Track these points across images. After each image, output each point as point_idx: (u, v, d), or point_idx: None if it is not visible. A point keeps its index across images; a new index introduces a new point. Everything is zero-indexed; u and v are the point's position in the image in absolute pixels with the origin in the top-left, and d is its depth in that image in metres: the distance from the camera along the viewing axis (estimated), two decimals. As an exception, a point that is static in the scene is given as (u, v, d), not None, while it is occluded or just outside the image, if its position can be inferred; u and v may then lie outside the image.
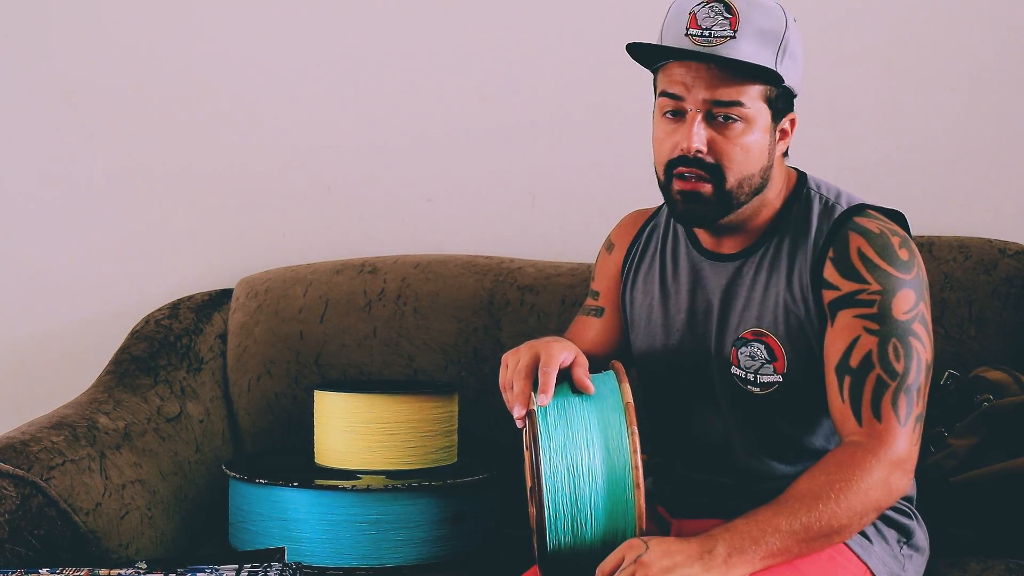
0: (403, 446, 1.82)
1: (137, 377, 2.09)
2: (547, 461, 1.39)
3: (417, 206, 2.37)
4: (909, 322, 1.46)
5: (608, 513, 1.39)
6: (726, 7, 1.46)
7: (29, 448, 1.74)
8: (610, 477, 1.39)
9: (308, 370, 2.15)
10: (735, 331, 1.56)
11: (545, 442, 1.40)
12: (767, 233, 1.56)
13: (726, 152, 1.48)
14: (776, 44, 1.47)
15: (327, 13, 2.36)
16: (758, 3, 1.48)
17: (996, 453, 1.77)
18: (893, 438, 1.42)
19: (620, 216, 1.78)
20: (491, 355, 2.12)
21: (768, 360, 1.53)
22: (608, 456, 1.40)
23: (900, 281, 1.47)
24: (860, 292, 1.47)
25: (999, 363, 1.94)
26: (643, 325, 1.66)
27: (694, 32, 1.46)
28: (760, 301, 1.54)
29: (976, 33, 2.24)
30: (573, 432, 1.41)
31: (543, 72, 2.32)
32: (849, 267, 1.48)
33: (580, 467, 1.39)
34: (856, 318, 1.46)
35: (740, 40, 1.45)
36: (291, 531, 1.74)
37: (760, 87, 1.48)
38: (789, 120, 1.54)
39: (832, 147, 2.22)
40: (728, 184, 1.49)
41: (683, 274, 1.62)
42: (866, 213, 1.53)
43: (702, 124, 1.47)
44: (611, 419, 1.42)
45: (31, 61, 2.39)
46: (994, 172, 2.24)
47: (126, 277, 2.40)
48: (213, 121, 2.38)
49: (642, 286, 1.68)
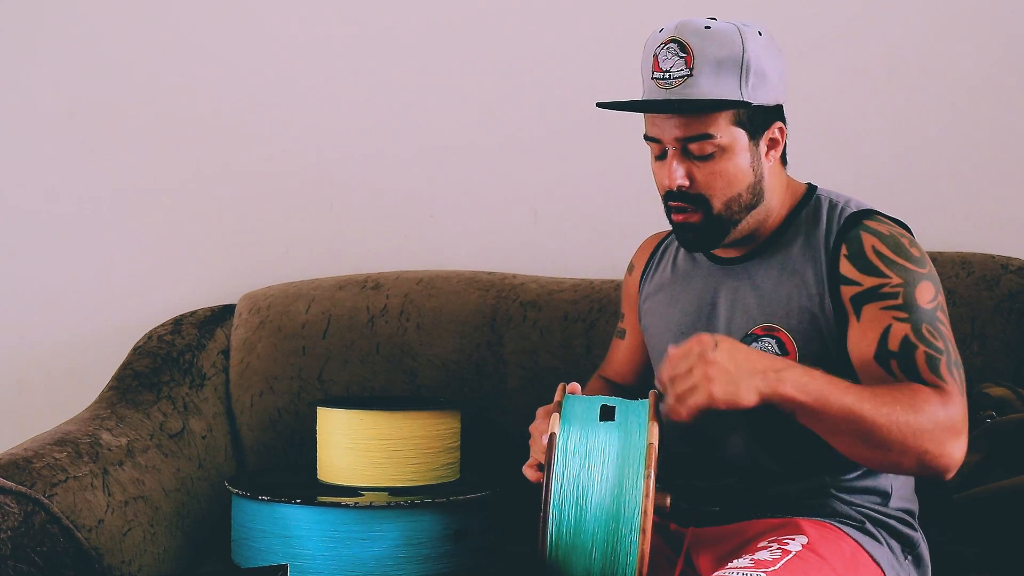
0: (406, 463, 1.82)
1: (140, 393, 2.09)
2: (557, 487, 1.38)
3: (420, 222, 2.37)
4: (934, 310, 1.49)
5: (607, 551, 1.38)
6: (680, 46, 1.50)
7: (32, 465, 1.74)
8: (617, 516, 1.38)
9: (311, 386, 2.15)
10: (746, 327, 1.57)
11: (560, 468, 1.39)
12: (774, 236, 1.60)
13: (706, 183, 1.54)
14: (737, 69, 1.50)
15: (330, 30, 2.36)
16: (713, 33, 1.50)
17: (999, 470, 1.77)
18: (960, 399, 1.44)
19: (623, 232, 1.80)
20: (494, 371, 2.12)
21: (779, 355, 1.54)
22: (620, 494, 1.38)
23: (918, 274, 1.50)
24: (883, 286, 1.49)
25: (1002, 379, 1.93)
26: (655, 333, 1.69)
27: (657, 76, 1.52)
28: (770, 297, 1.57)
29: (977, 47, 2.24)
30: (590, 464, 1.39)
31: (546, 88, 2.33)
32: (866, 263, 1.51)
33: (589, 501, 1.38)
34: (883, 310, 1.49)
35: (698, 76, 1.49)
36: (294, 548, 1.73)
37: (727, 114, 1.51)
38: (776, 129, 1.57)
39: (833, 161, 2.22)
40: (715, 210, 1.55)
41: (692, 280, 1.66)
42: (875, 217, 1.56)
43: (680, 161, 1.54)
44: (631, 458, 1.39)
45: (35, 78, 2.40)
46: (997, 187, 2.24)
47: (129, 293, 2.40)
48: (216, 137, 2.38)
49: (653, 296, 1.72)
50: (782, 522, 1.54)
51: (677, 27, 1.51)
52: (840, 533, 1.53)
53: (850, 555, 1.49)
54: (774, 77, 1.54)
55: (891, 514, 1.58)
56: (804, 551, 1.45)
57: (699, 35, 1.49)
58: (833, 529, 1.53)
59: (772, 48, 1.54)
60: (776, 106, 1.56)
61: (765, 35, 1.53)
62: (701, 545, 1.60)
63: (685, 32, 1.50)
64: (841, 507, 1.57)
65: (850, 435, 1.40)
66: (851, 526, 1.55)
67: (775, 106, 1.56)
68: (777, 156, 1.59)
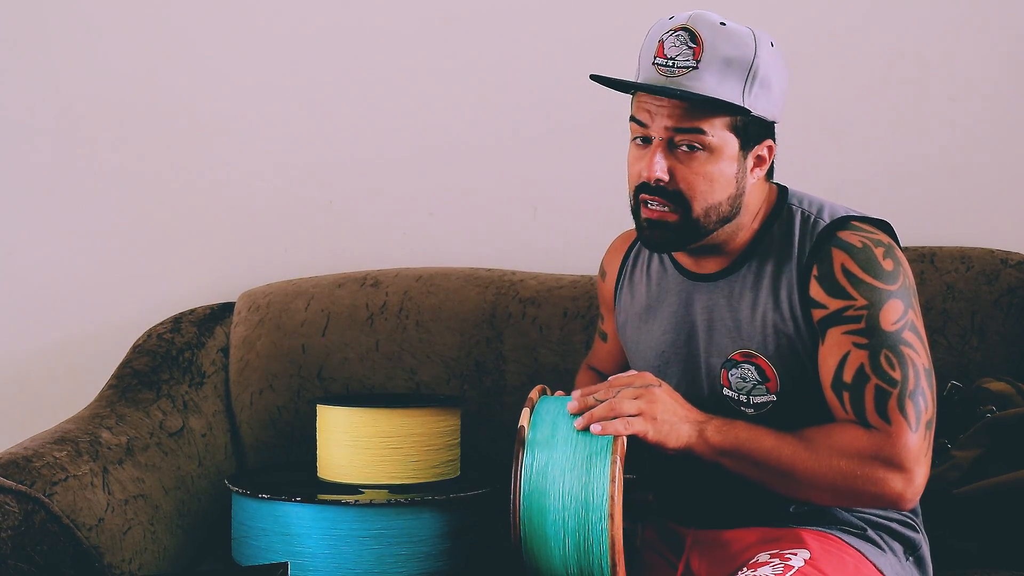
0: (406, 460, 1.81)
1: (139, 391, 2.09)
2: (526, 477, 1.41)
3: (419, 219, 2.37)
4: (899, 332, 1.45)
5: (578, 541, 1.39)
6: (691, 36, 1.45)
7: (32, 464, 1.74)
8: (586, 504, 1.39)
9: (310, 384, 2.15)
10: (724, 352, 1.55)
11: (528, 458, 1.42)
12: (748, 252, 1.55)
13: (688, 181, 1.48)
14: (744, 73, 1.46)
15: (329, 28, 2.36)
16: (727, 31, 1.46)
17: (999, 465, 1.77)
18: (903, 440, 1.41)
19: (622, 229, 1.78)
20: (493, 368, 2.12)
21: (760, 381, 1.53)
22: (587, 482, 1.39)
23: (886, 293, 1.46)
24: (847, 309, 1.46)
25: (1002, 374, 1.94)
26: (634, 348, 1.68)
27: (659, 61, 1.47)
28: (747, 321, 1.53)
29: (976, 44, 2.24)
30: (558, 454, 1.42)
31: (544, 85, 2.32)
32: (834, 284, 1.47)
33: (558, 489, 1.40)
34: (845, 335, 1.46)
35: (703, 71, 1.44)
36: (294, 546, 1.73)
37: (723, 117, 1.47)
38: (765, 147, 1.52)
39: (832, 158, 2.23)
40: (695, 213, 1.49)
41: (667, 296, 1.62)
42: (850, 226, 1.51)
43: (664, 152, 1.48)
44: (598, 446, 1.41)
45: (33, 76, 2.39)
46: (996, 182, 2.24)
47: (128, 291, 2.40)
48: (215, 135, 2.38)
49: (629, 310, 1.69)
50: (782, 532, 1.53)
51: (691, 17, 1.47)
52: (842, 544, 1.51)
53: (853, 568, 1.47)
54: (777, 91, 1.50)
55: (893, 517, 1.57)
56: (807, 567, 1.43)
57: (713, 29, 1.45)
58: (835, 540, 1.51)
59: (780, 62, 1.50)
60: (771, 123, 1.52)
61: (776, 49, 1.49)
62: (700, 549, 1.59)
63: (699, 23, 1.46)
64: (842, 514, 1.55)
65: (779, 479, 1.44)
66: (853, 534, 1.53)
67: (770, 123, 1.52)
68: (762, 175, 1.54)
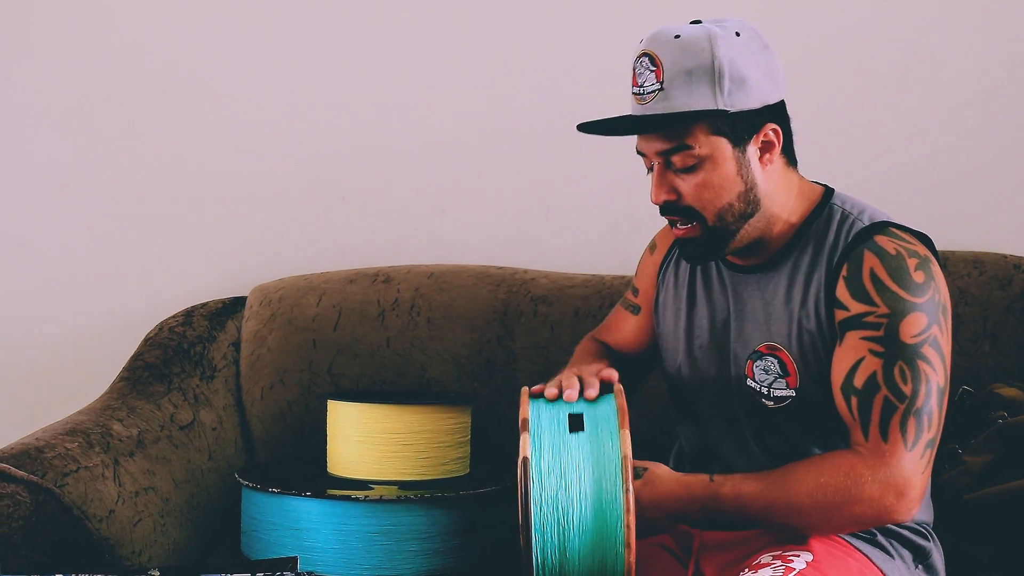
0: (416, 457, 1.82)
1: (151, 384, 2.09)
2: (537, 511, 1.38)
3: (431, 216, 2.37)
4: (918, 345, 1.43)
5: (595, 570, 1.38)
6: (651, 60, 1.48)
7: (43, 454, 1.75)
8: (601, 533, 1.37)
9: (321, 379, 2.15)
10: (752, 344, 1.56)
11: (537, 490, 1.38)
12: (787, 247, 1.56)
13: (693, 194, 1.51)
14: (709, 77, 1.45)
15: (342, 22, 2.36)
16: (682, 43, 1.46)
17: (1011, 471, 1.76)
18: (897, 460, 1.41)
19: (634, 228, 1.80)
20: (504, 366, 2.12)
21: (781, 375, 1.53)
22: (601, 510, 1.38)
23: (911, 304, 1.44)
24: (868, 314, 1.45)
25: (1013, 379, 1.93)
26: (670, 331, 1.68)
27: (635, 91, 1.51)
28: (777, 315, 1.54)
29: (990, 48, 2.23)
30: (567, 483, 1.39)
31: (557, 82, 2.32)
32: (860, 288, 1.47)
33: (571, 521, 1.38)
34: (862, 340, 1.45)
35: (668, 89, 1.46)
36: (303, 540, 1.74)
37: (704, 124, 1.47)
38: (770, 131, 1.51)
39: (846, 162, 2.22)
40: (710, 221, 1.51)
41: (709, 284, 1.64)
42: (887, 232, 1.50)
43: (663, 175, 1.51)
44: (607, 471, 1.39)
45: (46, 69, 2.40)
46: (1009, 187, 2.24)
47: (140, 284, 2.40)
48: (228, 130, 2.39)
49: (672, 291, 1.70)
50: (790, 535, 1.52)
51: (649, 39, 1.48)
52: (849, 548, 1.50)
53: (858, 572, 1.47)
54: (756, 78, 1.48)
55: (904, 525, 1.56)
56: (808, 570, 1.42)
57: (668, 47, 1.46)
58: (842, 544, 1.51)
59: (753, 48, 1.48)
60: (764, 108, 1.50)
61: (745, 35, 1.48)
62: (707, 550, 1.59)
63: (655, 45, 1.47)
64: None
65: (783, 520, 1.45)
66: (861, 539, 1.53)
67: (763, 108, 1.50)
68: (775, 158, 1.52)
